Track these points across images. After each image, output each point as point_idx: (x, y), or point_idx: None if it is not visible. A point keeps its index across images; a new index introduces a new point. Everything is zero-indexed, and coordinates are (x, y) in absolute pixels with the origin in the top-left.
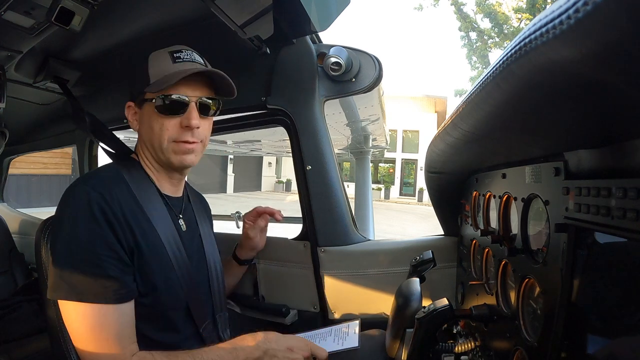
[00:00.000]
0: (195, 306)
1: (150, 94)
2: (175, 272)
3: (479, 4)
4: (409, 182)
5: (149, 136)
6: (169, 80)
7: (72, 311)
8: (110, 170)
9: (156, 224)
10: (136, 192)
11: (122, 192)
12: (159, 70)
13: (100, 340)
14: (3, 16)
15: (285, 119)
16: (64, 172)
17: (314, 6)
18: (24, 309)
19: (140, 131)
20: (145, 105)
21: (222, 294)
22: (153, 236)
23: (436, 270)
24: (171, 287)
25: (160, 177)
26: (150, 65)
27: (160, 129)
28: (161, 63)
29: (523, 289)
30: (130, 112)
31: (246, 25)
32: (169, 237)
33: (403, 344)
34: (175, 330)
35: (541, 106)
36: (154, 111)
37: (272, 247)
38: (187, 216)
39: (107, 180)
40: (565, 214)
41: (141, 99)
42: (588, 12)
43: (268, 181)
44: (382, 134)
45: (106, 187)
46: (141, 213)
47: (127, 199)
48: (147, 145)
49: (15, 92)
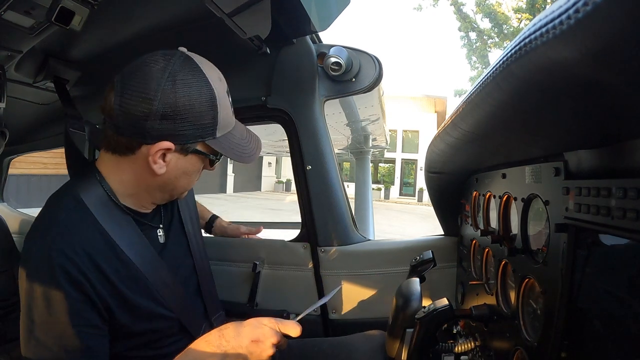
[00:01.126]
0: (188, 319)
1: (209, 148)
2: (160, 296)
3: (479, 4)
4: (409, 182)
5: (176, 182)
6: (247, 157)
7: None
8: (68, 205)
9: (129, 252)
10: (101, 220)
11: (86, 234)
12: (226, 123)
13: None
14: (3, 16)
15: (285, 118)
16: (63, 172)
17: (314, 6)
18: None
19: (160, 175)
20: (194, 155)
21: (214, 294)
22: (129, 268)
23: (436, 270)
24: (160, 312)
25: (131, 202)
26: (220, 111)
27: (194, 177)
28: (227, 110)
29: (523, 289)
30: (159, 155)
31: (246, 25)
32: (145, 262)
33: (403, 344)
34: (173, 344)
35: (541, 106)
36: (201, 164)
37: (270, 251)
38: (166, 221)
39: (69, 224)
40: (565, 214)
41: (192, 147)
42: (588, 12)
43: (268, 181)
44: (382, 134)
45: (69, 238)
46: (110, 248)
47: (93, 240)
48: (157, 184)
49: (15, 92)
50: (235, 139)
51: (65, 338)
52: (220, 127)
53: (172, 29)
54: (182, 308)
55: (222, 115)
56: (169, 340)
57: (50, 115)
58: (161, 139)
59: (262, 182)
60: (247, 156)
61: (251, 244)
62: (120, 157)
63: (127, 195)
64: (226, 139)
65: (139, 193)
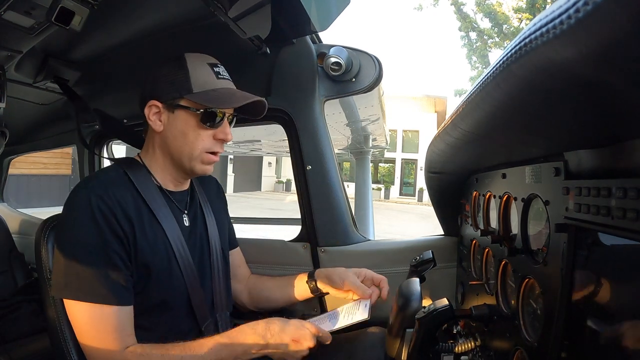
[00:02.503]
0: (197, 301)
1: (192, 103)
2: (178, 265)
3: (479, 4)
4: (409, 182)
5: (179, 142)
6: (226, 102)
7: (75, 309)
8: (110, 172)
9: (161, 221)
10: (140, 190)
11: (121, 191)
12: (204, 82)
13: (101, 337)
14: (3, 16)
15: (285, 118)
16: (64, 172)
17: (314, 6)
18: (24, 309)
19: (164, 133)
20: (180, 111)
21: (225, 292)
22: (158, 231)
23: (436, 270)
24: (174, 280)
25: (164, 177)
26: (192, 72)
27: (195, 138)
28: (204, 74)
29: (523, 289)
30: (152, 111)
31: (246, 26)
32: (172, 233)
33: (403, 344)
34: (177, 326)
35: (541, 106)
36: (193, 120)
37: (268, 251)
38: (192, 210)
39: (106, 181)
40: (565, 214)
41: (175, 103)
42: (588, 12)
43: (268, 181)
44: (382, 134)
45: (105, 189)
46: (145, 208)
47: (127, 197)
48: (169, 148)
49: (15, 92)
50: (217, 93)
51: (100, 269)
52: (197, 84)
53: (172, 29)
54: (194, 288)
55: (197, 75)
56: (181, 320)
57: (50, 115)
58: (150, 99)
59: (262, 182)
60: (227, 103)
61: (251, 244)
62: (146, 136)
63: (160, 170)
64: (206, 94)
65: (165, 165)
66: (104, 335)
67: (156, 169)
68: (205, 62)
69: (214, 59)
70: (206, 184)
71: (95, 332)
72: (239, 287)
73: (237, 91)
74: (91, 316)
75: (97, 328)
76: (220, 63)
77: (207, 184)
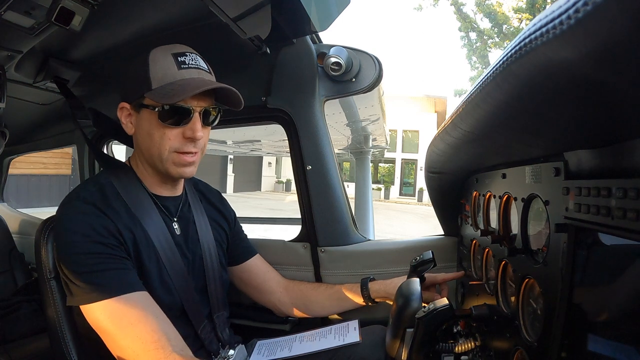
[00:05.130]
0: (190, 308)
1: (151, 101)
2: (168, 274)
3: (479, 4)
4: (409, 182)
5: (147, 144)
6: (178, 94)
7: (98, 312)
8: (97, 181)
9: (148, 229)
10: (127, 199)
11: (108, 202)
12: (163, 75)
13: (136, 332)
14: (3, 16)
15: (285, 118)
16: (64, 172)
17: (314, 6)
18: (24, 309)
19: (136, 136)
20: (144, 110)
21: (221, 294)
22: (145, 238)
23: (436, 270)
24: (164, 286)
25: (152, 181)
26: (152, 67)
27: (161, 138)
28: (164, 66)
29: (523, 289)
30: (124, 114)
31: (246, 26)
32: (160, 239)
33: (403, 344)
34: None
35: (541, 106)
36: (155, 119)
37: (268, 251)
38: (183, 217)
39: (95, 192)
40: (565, 214)
41: (139, 102)
42: (588, 12)
43: (268, 181)
44: (382, 134)
45: (96, 198)
46: (132, 219)
47: (115, 206)
48: (143, 151)
49: (15, 92)
50: (174, 86)
51: (108, 264)
52: (155, 78)
53: (172, 29)
54: (187, 296)
55: (156, 69)
56: (176, 326)
57: (50, 115)
58: (121, 101)
59: (262, 182)
60: (178, 95)
61: (251, 244)
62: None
63: (147, 175)
64: (162, 89)
65: (147, 169)
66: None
67: (142, 173)
68: (169, 52)
69: (185, 47)
70: (206, 193)
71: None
72: (276, 295)
73: (195, 79)
74: (115, 312)
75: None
76: (190, 50)
77: (208, 194)
